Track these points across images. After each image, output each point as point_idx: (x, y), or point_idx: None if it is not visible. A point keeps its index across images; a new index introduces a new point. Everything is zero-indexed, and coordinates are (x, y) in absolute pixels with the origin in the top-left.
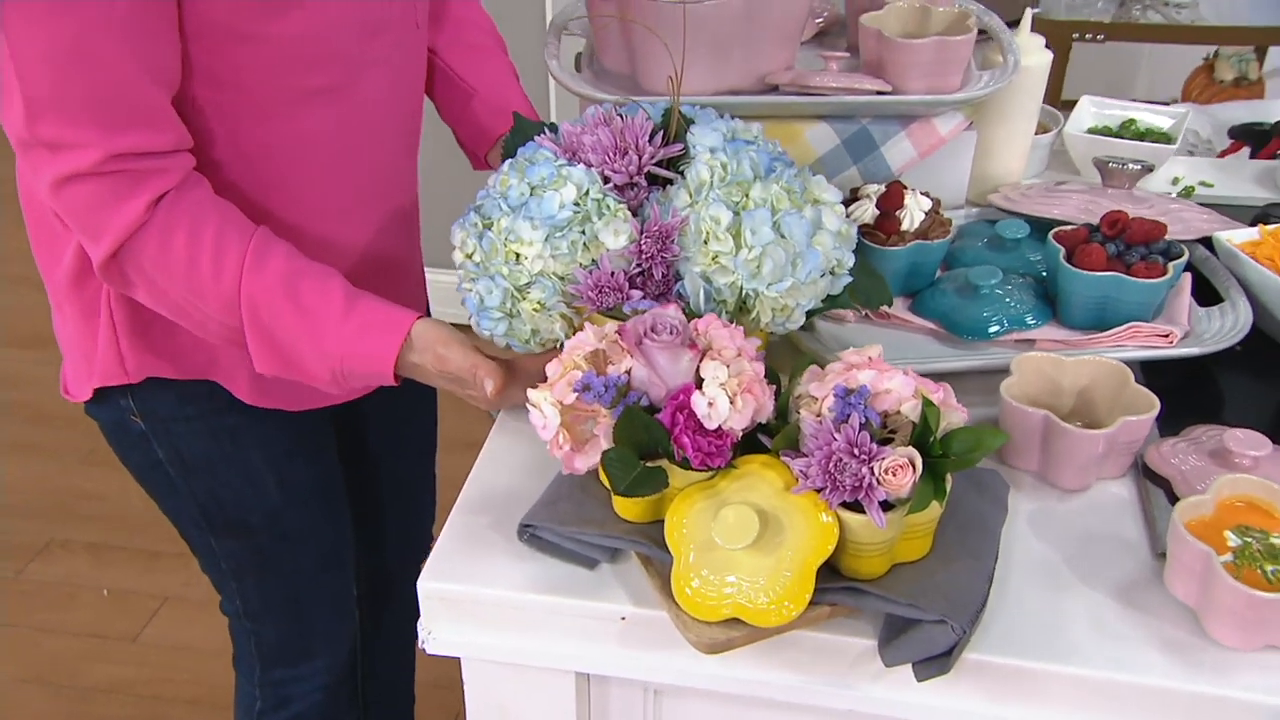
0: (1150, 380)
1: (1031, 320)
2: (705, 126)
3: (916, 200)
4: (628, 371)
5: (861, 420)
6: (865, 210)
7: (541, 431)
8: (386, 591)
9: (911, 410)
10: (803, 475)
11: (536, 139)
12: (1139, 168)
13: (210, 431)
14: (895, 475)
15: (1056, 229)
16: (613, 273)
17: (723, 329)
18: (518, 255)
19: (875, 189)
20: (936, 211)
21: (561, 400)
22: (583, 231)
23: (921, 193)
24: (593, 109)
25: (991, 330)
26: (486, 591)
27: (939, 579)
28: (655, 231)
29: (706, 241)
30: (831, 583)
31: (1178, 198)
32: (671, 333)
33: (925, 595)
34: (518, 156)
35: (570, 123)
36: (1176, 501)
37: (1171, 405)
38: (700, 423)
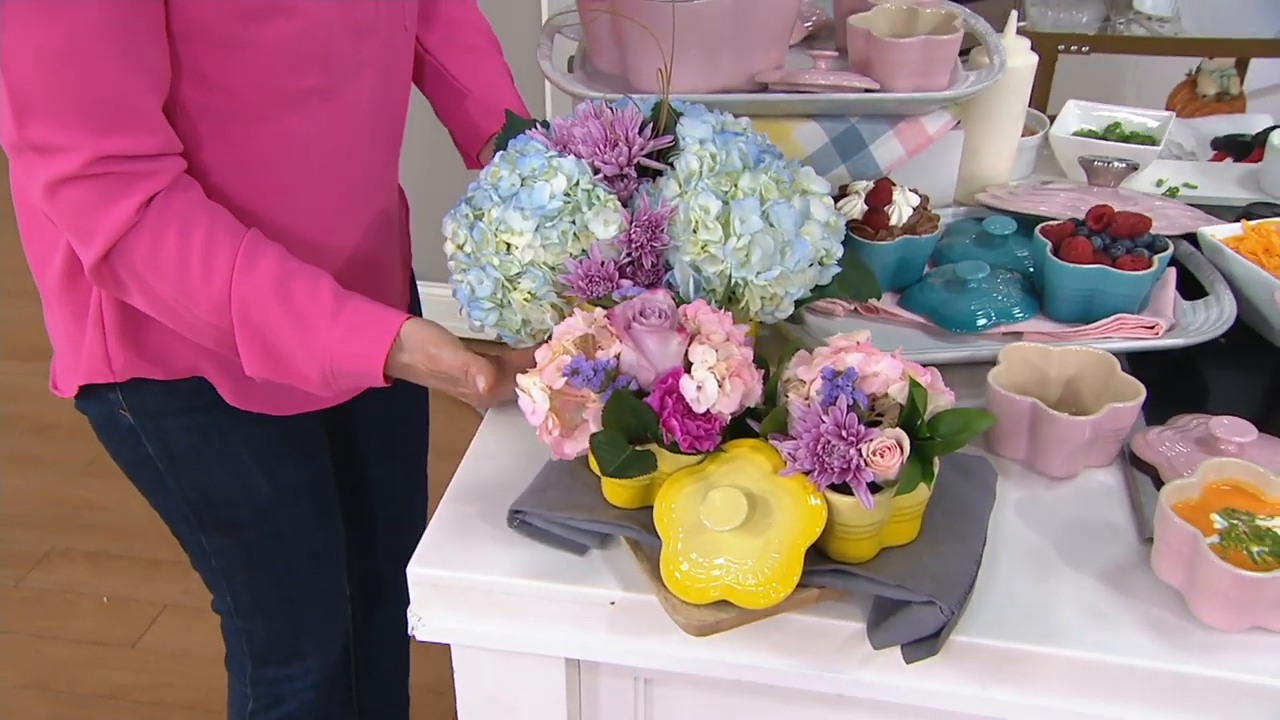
0: (1136, 373)
1: (1019, 313)
2: (694, 119)
3: (904, 196)
4: (616, 356)
5: (849, 402)
6: (854, 206)
7: (531, 417)
8: (379, 593)
9: (899, 392)
10: (791, 458)
11: (527, 132)
12: (1124, 166)
13: (199, 427)
14: (883, 457)
15: (1043, 224)
16: (603, 262)
17: (711, 314)
18: (508, 245)
19: (864, 185)
20: (924, 207)
21: (550, 385)
22: (573, 221)
23: (910, 189)
24: (584, 103)
25: (980, 323)
26: (476, 577)
27: (927, 561)
28: (645, 221)
29: (696, 230)
30: (820, 566)
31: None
32: (660, 317)
33: (913, 577)
34: (509, 148)
35: (562, 118)
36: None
37: (1157, 397)
38: (689, 406)
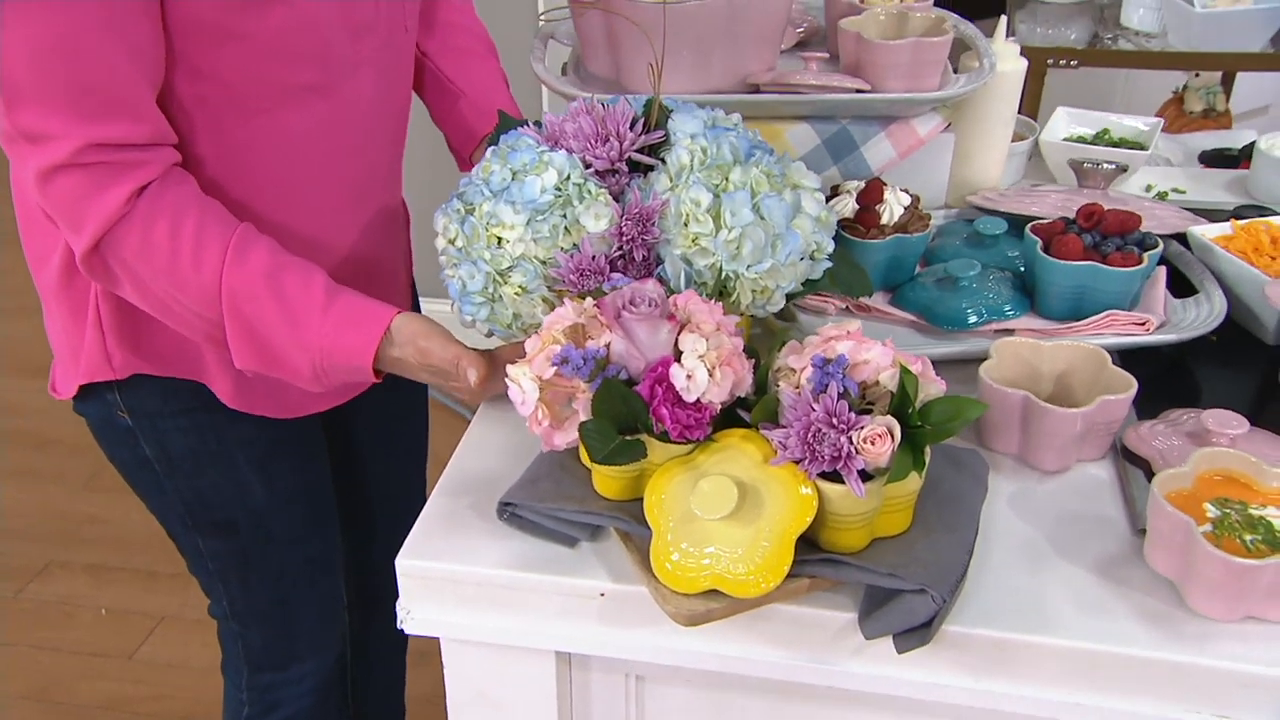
0: (1127, 370)
1: (1010, 310)
2: (686, 114)
3: (896, 195)
4: (606, 345)
5: (840, 390)
6: (845, 204)
7: (520, 407)
8: (375, 600)
9: (890, 380)
10: (781, 446)
11: (519, 129)
12: (1114, 168)
13: (196, 429)
14: (874, 444)
15: (1033, 222)
16: (594, 256)
17: (702, 303)
18: (499, 239)
19: (855, 185)
20: (915, 207)
21: (540, 375)
22: (564, 215)
23: (901, 189)
24: (576, 101)
25: (971, 320)
26: (466, 569)
27: (918, 550)
28: (636, 214)
29: (686, 224)
30: (811, 555)
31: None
32: (650, 305)
33: (905, 566)
34: (500, 144)
35: (554, 115)
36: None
37: (1148, 395)
38: (679, 395)
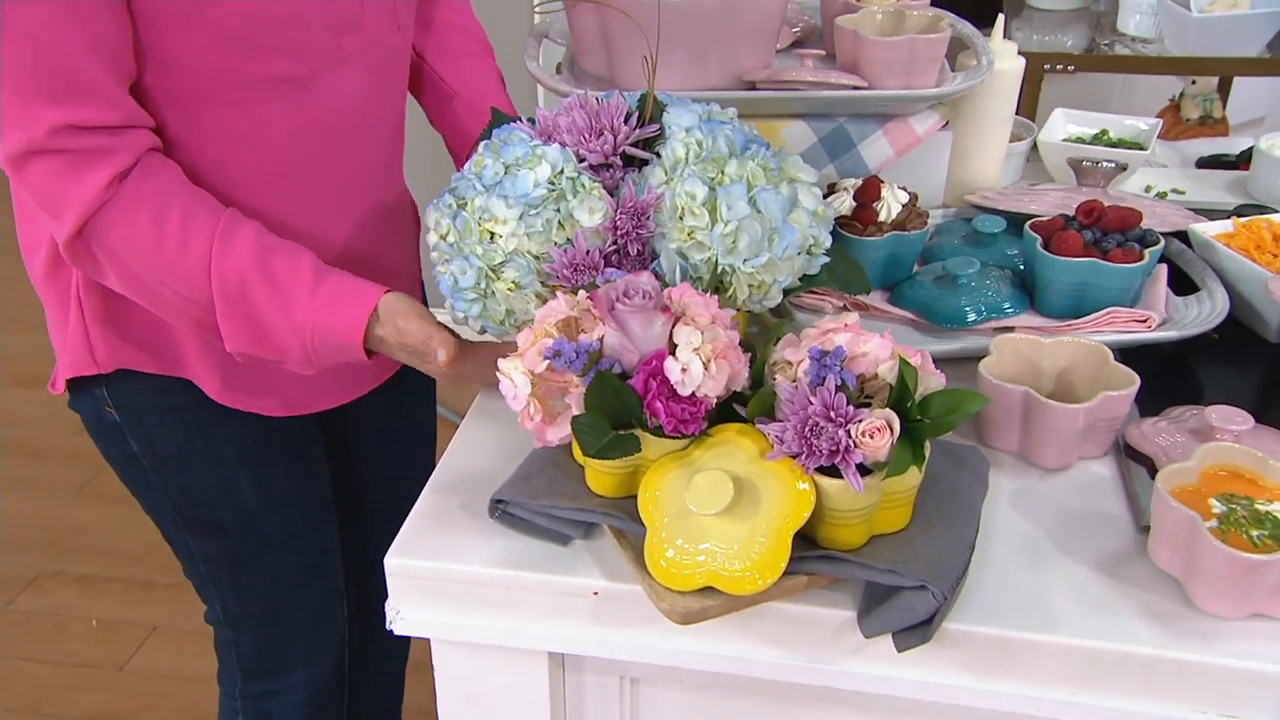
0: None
1: (1009, 308)
2: (680, 108)
3: (893, 193)
4: (600, 339)
5: (838, 383)
6: (843, 202)
7: (512, 402)
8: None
9: (888, 372)
10: (778, 441)
11: (512, 124)
12: (1113, 166)
13: (182, 425)
14: (873, 438)
15: (1033, 220)
16: (588, 251)
17: (697, 296)
18: (492, 234)
19: (852, 182)
20: (914, 204)
21: (532, 369)
22: (557, 210)
23: (899, 187)
24: (570, 96)
25: (970, 318)
26: (456, 568)
27: (918, 547)
28: (630, 208)
29: (682, 217)
30: (809, 552)
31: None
32: (644, 297)
33: (904, 562)
34: (492, 138)
35: (547, 110)
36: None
37: (1150, 393)
38: (673, 389)
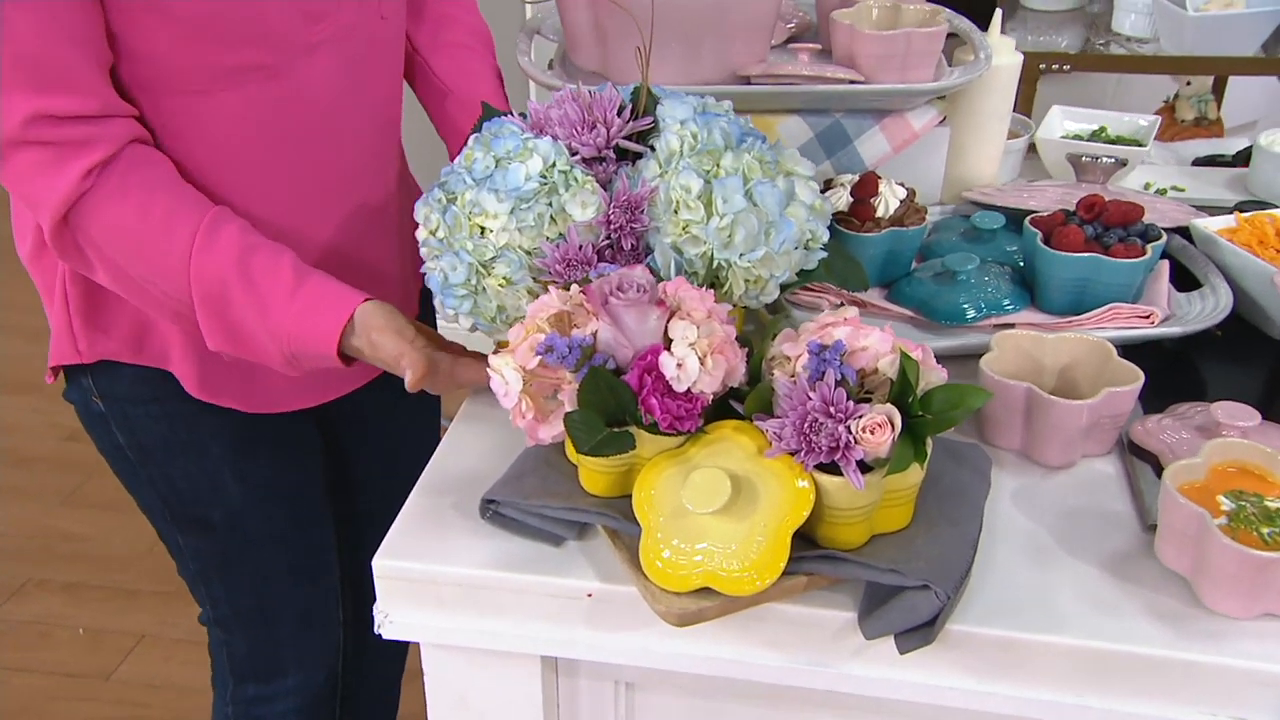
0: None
1: (1009, 304)
2: (675, 100)
3: (891, 188)
4: (593, 333)
5: (837, 377)
6: (840, 198)
7: (503, 399)
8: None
9: (889, 367)
10: (776, 437)
11: (503, 117)
12: (1113, 162)
13: (166, 417)
14: (873, 434)
15: (1032, 215)
16: (581, 245)
17: (692, 290)
18: (482, 229)
19: (849, 178)
20: (911, 199)
21: (524, 365)
22: (549, 204)
23: (897, 182)
24: (562, 89)
25: (969, 315)
26: (447, 570)
27: (920, 545)
28: (624, 201)
29: (677, 211)
30: (808, 552)
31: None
32: (638, 291)
33: (906, 561)
34: (483, 131)
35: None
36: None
37: (1153, 391)
38: (669, 385)
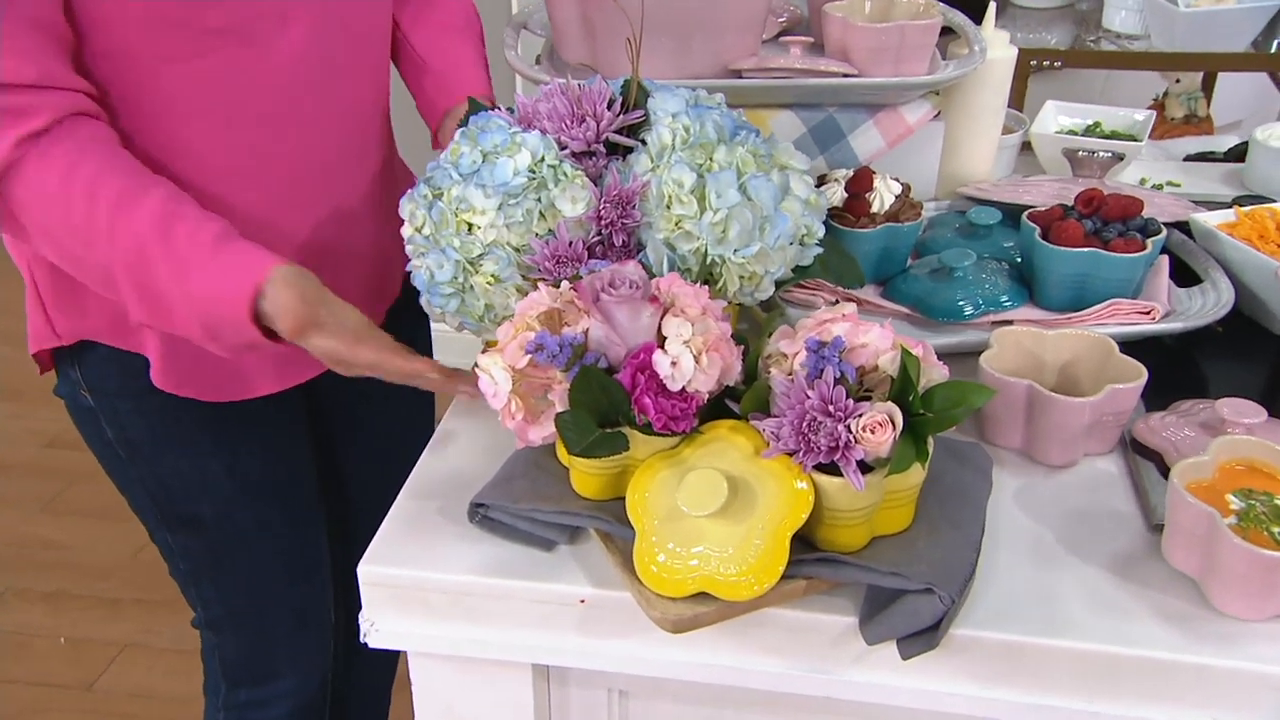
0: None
1: (1007, 301)
2: (666, 93)
3: (886, 183)
4: (584, 331)
5: (836, 375)
6: (834, 193)
7: (492, 400)
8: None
9: (890, 364)
10: (774, 437)
11: (490, 111)
12: (1110, 156)
13: (156, 410)
14: (874, 433)
15: (1030, 210)
16: (571, 242)
17: (686, 286)
18: (470, 226)
19: (844, 173)
20: (907, 195)
21: (513, 365)
22: (538, 199)
23: (892, 178)
24: (550, 82)
25: (967, 312)
26: (434, 576)
27: (922, 548)
28: (615, 197)
29: (669, 206)
30: (807, 555)
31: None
32: (631, 287)
33: (908, 564)
34: (469, 125)
35: (526, 97)
36: (1169, 474)
37: (1153, 387)
38: (663, 384)
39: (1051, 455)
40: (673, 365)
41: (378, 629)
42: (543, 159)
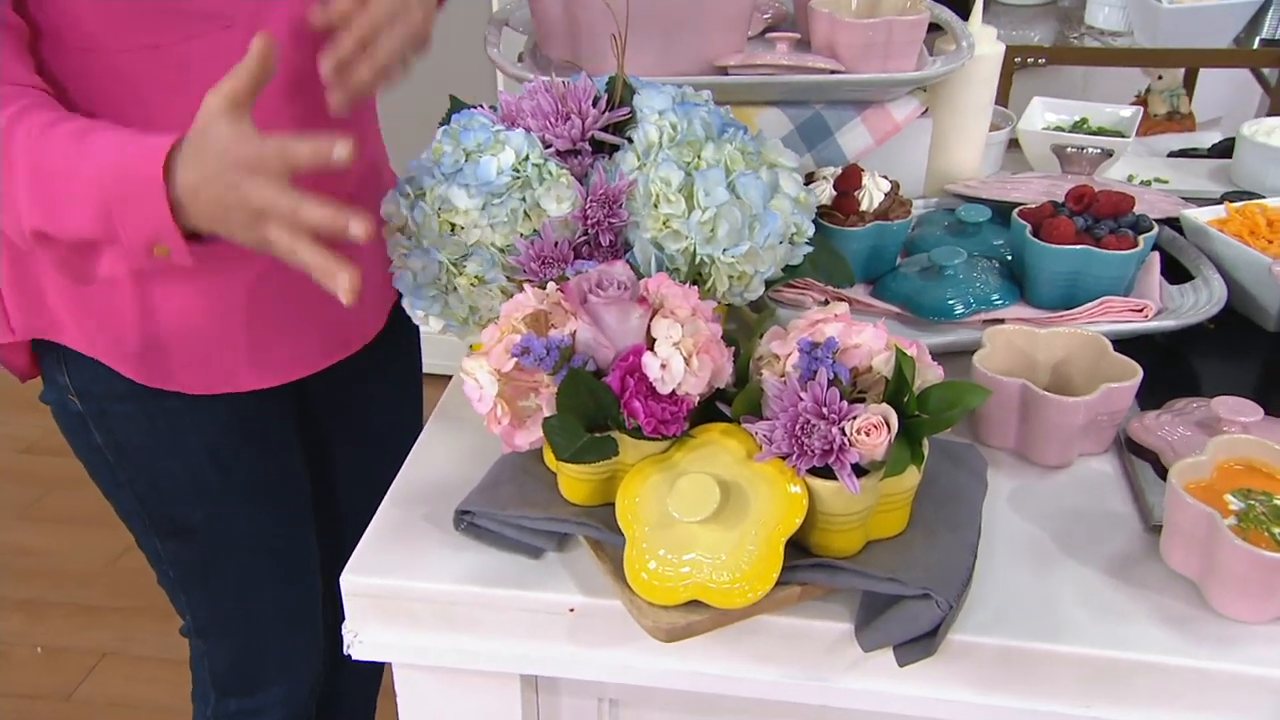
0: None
1: (998, 299)
2: (652, 90)
3: (875, 181)
4: (572, 334)
5: (830, 376)
6: (823, 191)
7: (477, 404)
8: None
9: (884, 365)
10: (766, 441)
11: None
12: (1099, 152)
13: (147, 414)
14: (869, 435)
15: (1020, 207)
16: (556, 242)
17: (676, 287)
18: (452, 226)
19: (832, 170)
20: (896, 193)
21: (499, 368)
22: (522, 199)
23: (880, 175)
24: (534, 80)
25: (957, 311)
26: (420, 586)
27: (918, 552)
28: (601, 196)
29: (656, 204)
30: (801, 560)
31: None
32: (619, 288)
33: (905, 569)
34: (451, 123)
35: (509, 94)
36: (1165, 474)
37: (1147, 385)
38: (653, 387)
39: (1046, 456)
40: (662, 368)
41: (361, 640)
42: (527, 157)
